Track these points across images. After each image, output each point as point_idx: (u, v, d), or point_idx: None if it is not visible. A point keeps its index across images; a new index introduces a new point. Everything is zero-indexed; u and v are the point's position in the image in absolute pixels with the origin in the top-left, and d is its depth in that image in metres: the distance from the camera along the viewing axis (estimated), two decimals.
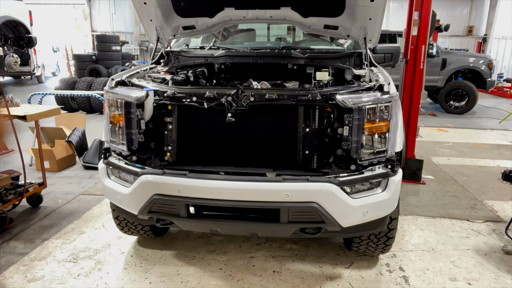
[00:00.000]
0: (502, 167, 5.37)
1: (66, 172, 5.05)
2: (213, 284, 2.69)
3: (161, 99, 2.47)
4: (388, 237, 2.70)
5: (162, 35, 3.23)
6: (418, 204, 4.09)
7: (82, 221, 3.62)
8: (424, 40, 4.42)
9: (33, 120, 3.77)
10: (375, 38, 3.11)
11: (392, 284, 2.72)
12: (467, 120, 9.18)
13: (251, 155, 2.54)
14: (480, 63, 9.87)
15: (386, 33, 9.44)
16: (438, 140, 6.99)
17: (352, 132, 2.28)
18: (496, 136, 7.51)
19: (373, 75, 2.72)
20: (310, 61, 3.25)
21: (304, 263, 2.94)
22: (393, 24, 18.45)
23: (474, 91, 9.66)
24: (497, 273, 2.88)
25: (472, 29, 20.25)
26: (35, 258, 2.99)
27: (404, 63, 4.62)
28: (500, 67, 18.96)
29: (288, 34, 4.59)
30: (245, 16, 3.16)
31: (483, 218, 3.80)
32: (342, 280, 2.74)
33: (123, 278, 2.74)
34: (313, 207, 2.15)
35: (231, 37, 4.46)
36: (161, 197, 2.27)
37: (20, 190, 3.68)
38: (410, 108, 4.62)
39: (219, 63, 3.38)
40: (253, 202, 2.19)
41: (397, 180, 2.34)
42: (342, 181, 2.20)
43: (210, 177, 2.24)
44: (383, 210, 2.36)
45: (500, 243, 3.31)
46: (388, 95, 2.32)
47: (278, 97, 2.36)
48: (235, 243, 3.21)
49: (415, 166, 4.65)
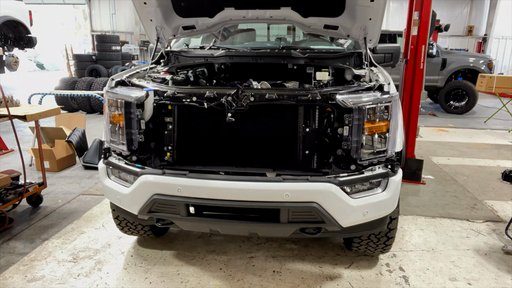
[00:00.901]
0: (502, 167, 5.37)
1: (66, 172, 5.05)
2: (213, 284, 2.69)
3: (161, 99, 2.47)
4: (388, 237, 2.70)
5: (162, 35, 3.23)
6: (418, 204, 4.09)
7: (82, 221, 3.62)
8: (424, 40, 4.42)
9: (33, 120, 3.77)
10: (375, 38, 3.11)
11: (392, 284, 2.72)
12: (467, 120, 9.19)
13: (251, 155, 2.54)
14: (480, 63, 9.88)
15: (386, 33, 9.45)
16: (438, 140, 6.99)
17: (352, 132, 2.28)
18: (496, 136, 7.51)
19: (373, 75, 2.72)
20: (310, 61, 3.25)
21: (304, 263, 2.94)
22: (393, 24, 18.48)
23: (474, 91, 9.67)
24: (497, 273, 2.88)
25: (472, 29, 20.25)
26: (35, 258, 2.99)
27: (404, 63, 4.62)
28: (500, 67, 18.96)
29: (288, 34, 4.59)
30: (245, 16, 3.16)
31: (483, 218, 3.80)
32: (342, 280, 2.74)
33: (123, 278, 2.75)
34: (313, 207, 2.15)
35: (231, 37, 4.46)
36: (161, 197, 2.27)
37: (20, 190, 3.68)
38: (410, 108, 4.62)
39: (219, 63, 3.38)
40: (253, 202, 2.19)
41: (397, 180, 2.34)
42: (342, 181, 2.20)
43: (210, 177, 2.24)
44: (383, 210, 2.36)
45: (500, 243, 3.31)
46: (388, 95, 2.32)
47: (278, 97, 2.35)
48: (235, 243, 3.21)
49: (415, 166, 4.65)
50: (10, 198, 3.60)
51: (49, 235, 3.35)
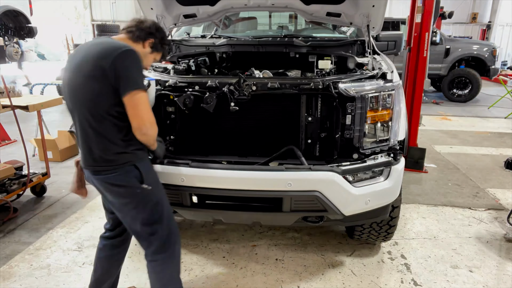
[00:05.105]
0: (504, 155, 5.35)
1: (69, 162, 5.07)
2: (216, 272, 2.71)
3: (163, 88, 2.46)
4: (390, 225, 2.72)
5: (163, 23, 3.21)
6: (420, 192, 4.09)
7: (86, 210, 3.65)
8: (427, 28, 4.37)
9: (35, 110, 3.78)
10: (378, 25, 3.08)
11: (394, 271, 2.75)
12: (470, 108, 9.13)
13: (254, 145, 2.54)
14: (483, 50, 9.76)
15: (389, 21, 9.33)
16: (440, 129, 6.96)
17: (355, 121, 2.27)
18: (499, 125, 7.47)
19: (376, 63, 2.70)
20: (312, 49, 3.22)
21: (307, 251, 2.96)
22: (396, 11, 18.22)
23: (477, 79, 9.58)
24: (499, 261, 2.89)
25: (476, 16, 19.97)
26: (40, 247, 3.02)
27: (407, 51, 4.57)
28: (504, 55, 18.74)
29: (290, 22, 4.54)
30: (247, 4, 3.13)
31: (485, 206, 3.81)
32: (344, 268, 2.77)
33: (127, 266, 2.77)
34: (315, 196, 2.15)
35: (233, 25, 4.42)
36: (164, 187, 2.28)
37: (24, 180, 3.70)
38: (413, 96, 4.59)
39: (221, 52, 3.36)
40: (255, 191, 2.20)
41: (400, 169, 2.34)
42: (344, 170, 2.20)
43: (213, 166, 2.24)
44: (385, 198, 2.37)
45: (502, 231, 3.32)
46: (391, 83, 2.31)
47: (280, 86, 2.34)
48: (238, 231, 3.23)
49: (418, 154, 4.64)
50: (14, 188, 3.63)
51: (53, 224, 3.38)
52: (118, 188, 1.87)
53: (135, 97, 1.75)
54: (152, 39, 1.97)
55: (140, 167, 1.87)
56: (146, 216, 1.93)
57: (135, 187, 1.86)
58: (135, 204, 1.91)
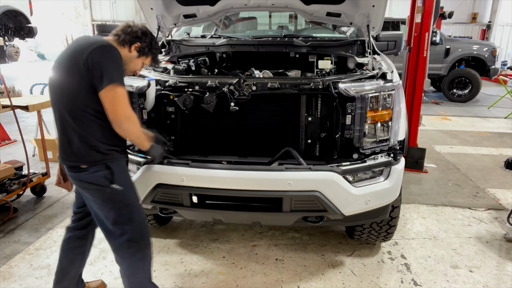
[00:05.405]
0: (505, 155, 5.35)
1: None
2: (216, 272, 2.71)
3: (163, 88, 2.46)
4: (390, 225, 2.72)
5: (163, 23, 3.21)
6: (420, 192, 4.09)
7: None
8: (427, 28, 4.37)
9: (35, 110, 3.78)
10: (378, 25, 3.08)
11: (394, 271, 2.75)
12: (470, 108, 9.13)
13: (254, 145, 2.54)
14: (483, 50, 9.76)
15: (389, 21, 9.32)
16: (440, 129, 6.96)
17: (355, 121, 2.27)
18: (499, 125, 7.47)
19: (376, 63, 2.70)
20: (312, 49, 3.22)
21: (307, 252, 2.96)
22: (396, 11, 18.21)
23: (477, 79, 9.57)
24: (499, 261, 2.89)
25: (476, 16, 19.96)
26: (40, 247, 3.02)
27: (407, 51, 4.57)
28: (504, 55, 18.73)
29: (290, 22, 4.54)
30: (247, 4, 3.13)
31: (485, 206, 3.80)
32: (344, 268, 2.77)
33: None
34: (315, 196, 2.15)
35: (233, 25, 4.42)
36: (164, 187, 2.28)
37: (24, 180, 3.70)
38: (413, 96, 4.59)
39: (221, 52, 3.37)
40: (255, 191, 2.20)
41: (400, 169, 2.34)
42: (344, 170, 2.20)
43: (213, 166, 2.25)
44: (385, 198, 2.37)
45: (502, 231, 3.32)
46: (391, 83, 2.31)
47: (280, 86, 2.34)
48: (238, 231, 3.23)
49: (418, 154, 4.64)
50: (14, 188, 3.62)
51: (53, 224, 3.38)
52: (89, 185, 1.92)
53: (110, 92, 1.77)
54: (138, 43, 1.99)
55: (112, 167, 1.90)
56: (115, 216, 1.97)
57: (105, 186, 1.90)
58: (104, 203, 1.95)
